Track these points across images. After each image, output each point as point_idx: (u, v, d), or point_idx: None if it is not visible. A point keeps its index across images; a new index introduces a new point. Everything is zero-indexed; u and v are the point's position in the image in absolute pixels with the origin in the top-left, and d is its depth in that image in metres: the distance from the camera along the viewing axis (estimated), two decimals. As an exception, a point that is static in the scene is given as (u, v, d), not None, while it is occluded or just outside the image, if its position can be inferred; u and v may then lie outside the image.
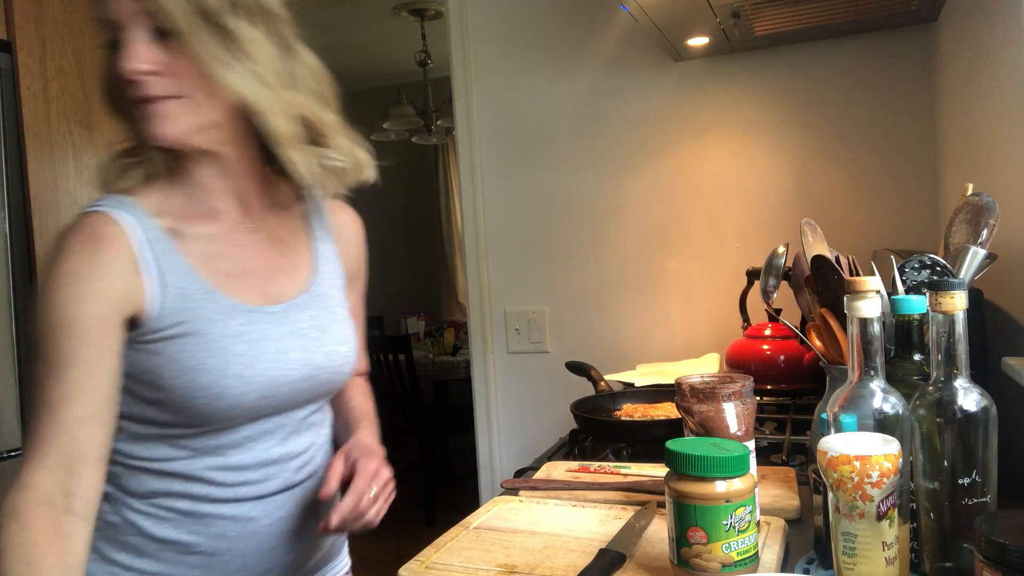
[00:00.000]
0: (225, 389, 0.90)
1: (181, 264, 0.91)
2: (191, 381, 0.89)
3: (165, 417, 0.91)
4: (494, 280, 2.29)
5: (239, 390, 0.91)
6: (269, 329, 0.95)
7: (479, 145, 2.28)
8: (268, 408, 0.96)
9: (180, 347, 0.89)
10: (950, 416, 0.69)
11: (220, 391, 0.89)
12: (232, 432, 0.94)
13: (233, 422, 0.93)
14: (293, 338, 0.97)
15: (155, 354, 0.89)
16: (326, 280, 1.05)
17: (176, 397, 0.89)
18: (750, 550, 0.75)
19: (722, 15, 1.65)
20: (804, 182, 1.97)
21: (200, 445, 0.93)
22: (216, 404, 0.90)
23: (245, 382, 0.91)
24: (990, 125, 1.33)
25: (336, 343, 1.02)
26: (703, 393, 0.84)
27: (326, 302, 1.03)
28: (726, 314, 1.98)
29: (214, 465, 0.94)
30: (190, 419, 0.91)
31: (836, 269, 0.88)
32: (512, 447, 2.29)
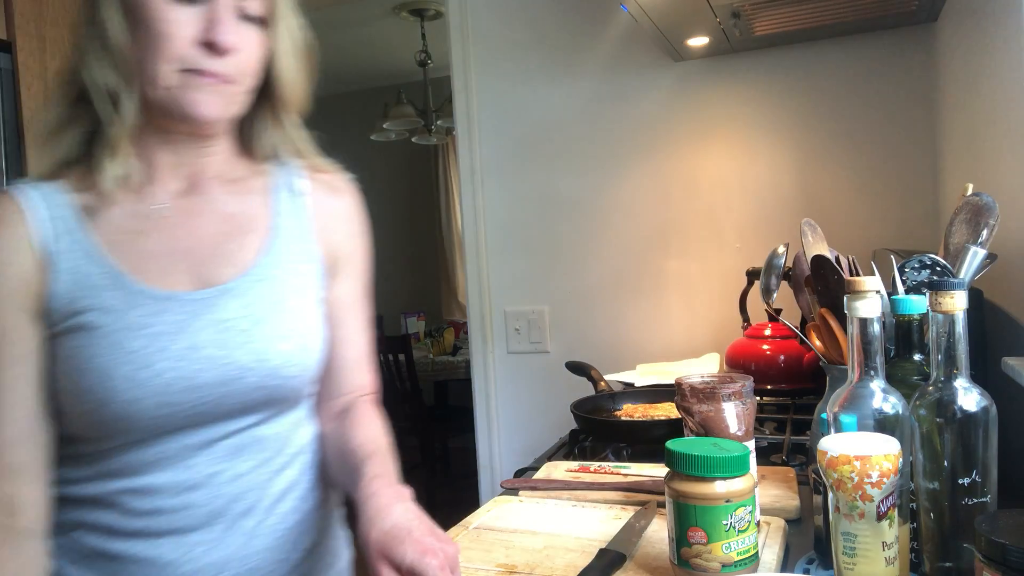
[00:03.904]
0: (111, 393, 0.76)
1: (86, 245, 0.80)
2: (76, 384, 0.77)
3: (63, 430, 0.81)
4: (494, 280, 2.29)
5: (129, 395, 0.77)
6: (183, 320, 0.81)
7: (479, 145, 2.28)
8: (178, 418, 0.80)
9: (72, 344, 0.78)
10: (950, 416, 0.69)
11: (106, 396, 0.76)
12: (142, 447, 0.80)
13: (132, 435, 0.79)
14: (212, 331, 0.81)
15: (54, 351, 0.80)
16: (280, 262, 0.88)
17: (65, 404, 0.79)
18: (750, 550, 0.75)
19: (722, 15, 1.65)
20: (804, 182, 1.97)
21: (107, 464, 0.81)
22: (104, 412, 0.77)
23: (136, 385, 0.77)
24: (990, 125, 1.33)
25: (273, 339, 0.84)
26: (703, 393, 0.84)
27: (272, 288, 0.86)
28: (726, 314, 1.98)
29: (122, 488, 0.81)
30: (83, 430, 0.80)
31: (836, 269, 0.88)
32: (512, 447, 2.29)
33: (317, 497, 0.93)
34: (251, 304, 0.84)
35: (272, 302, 0.86)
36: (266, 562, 0.86)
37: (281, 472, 0.89)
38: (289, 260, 0.89)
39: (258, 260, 0.87)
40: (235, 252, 0.86)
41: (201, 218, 0.87)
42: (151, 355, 0.78)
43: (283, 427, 0.89)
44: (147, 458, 0.81)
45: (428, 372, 4.54)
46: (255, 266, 0.86)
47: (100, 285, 0.79)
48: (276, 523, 0.87)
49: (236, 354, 0.82)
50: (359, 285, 0.98)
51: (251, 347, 0.83)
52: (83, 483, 0.82)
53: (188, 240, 0.85)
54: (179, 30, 0.78)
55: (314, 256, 0.92)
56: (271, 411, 0.87)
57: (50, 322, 0.79)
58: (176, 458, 0.82)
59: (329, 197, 0.96)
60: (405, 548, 0.67)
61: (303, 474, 0.91)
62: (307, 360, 0.88)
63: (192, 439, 0.82)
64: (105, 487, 0.81)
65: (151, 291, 0.81)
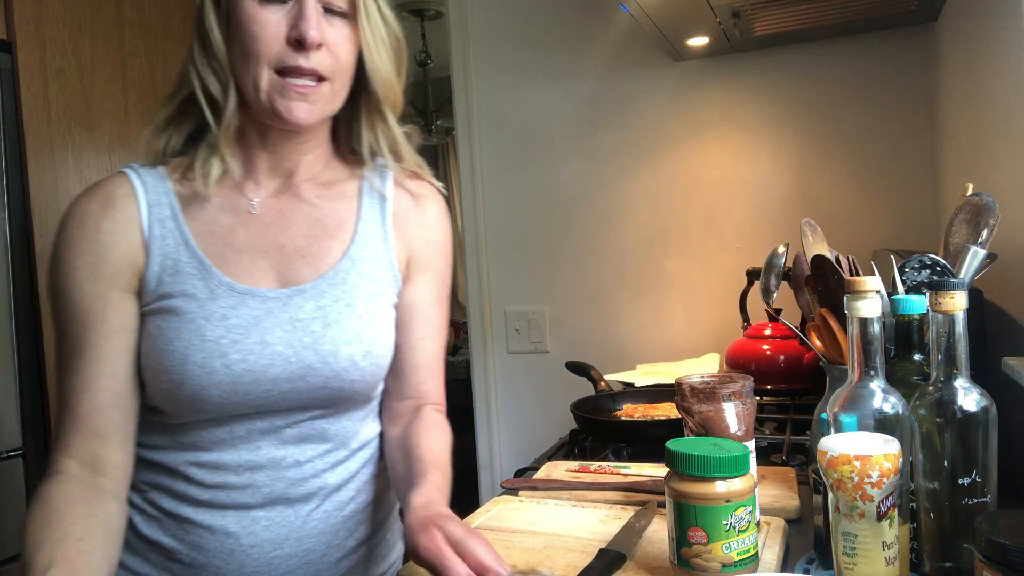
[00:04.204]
0: (186, 376, 0.82)
1: (180, 234, 0.86)
2: (157, 363, 0.83)
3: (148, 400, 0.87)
4: (494, 280, 2.29)
5: (201, 381, 0.82)
6: (259, 316, 0.85)
7: (479, 145, 2.28)
8: (245, 406, 0.85)
9: (157, 324, 0.84)
10: (950, 416, 0.69)
11: (181, 378, 0.82)
12: (214, 427, 0.86)
13: (203, 415, 0.85)
14: (284, 329, 0.86)
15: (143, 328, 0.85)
16: (359, 266, 0.91)
17: (148, 379, 0.85)
18: (750, 550, 0.75)
19: (722, 15, 1.65)
20: (804, 182, 1.97)
21: (182, 436, 0.87)
22: (178, 392, 0.83)
23: (208, 372, 0.82)
24: (990, 125, 1.33)
25: (340, 342, 0.87)
26: (703, 393, 0.84)
27: (348, 291, 0.90)
28: (726, 314, 1.98)
29: (194, 460, 0.87)
30: (162, 404, 0.86)
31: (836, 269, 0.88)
32: (512, 447, 2.29)
33: (375, 490, 0.96)
34: (324, 307, 0.88)
35: (344, 306, 0.89)
36: (320, 545, 0.91)
37: (342, 463, 0.93)
38: (367, 266, 0.92)
39: (337, 265, 0.90)
40: (317, 255, 0.90)
41: (290, 219, 0.91)
42: (225, 346, 0.83)
43: (347, 423, 0.93)
44: (217, 436, 0.86)
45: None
46: (333, 270, 0.90)
47: (188, 273, 0.85)
48: (333, 510, 0.92)
49: (304, 353, 0.86)
50: (434, 292, 0.99)
51: (318, 348, 0.87)
52: (161, 450, 0.88)
53: (276, 239, 0.89)
54: (267, 29, 0.82)
55: (391, 262, 0.94)
56: (335, 408, 0.91)
57: (142, 301, 0.85)
58: (243, 440, 0.87)
59: (412, 204, 0.98)
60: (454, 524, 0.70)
61: (364, 467, 0.95)
62: (371, 366, 0.90)
63: (258, 425, 0.87)
64: (179, 457, 0.87)
65: (233, 284, 0.86)
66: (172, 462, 0.88)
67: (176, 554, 0.88)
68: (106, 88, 2.28)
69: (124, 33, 2.34)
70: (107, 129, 2.28)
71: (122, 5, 2.34)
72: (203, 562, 0.87)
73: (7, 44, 2.04)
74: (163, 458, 0.88)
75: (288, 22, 0.82)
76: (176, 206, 0.87)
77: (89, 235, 0.84)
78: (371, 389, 0.94)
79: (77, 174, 2.19)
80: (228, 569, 0.87)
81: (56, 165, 2.13)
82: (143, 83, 2.39)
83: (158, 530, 0.89)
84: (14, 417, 2.02)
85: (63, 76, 2.16)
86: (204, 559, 0.87)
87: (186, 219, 0.87)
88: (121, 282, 0.85)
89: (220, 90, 0.86)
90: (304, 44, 0.81)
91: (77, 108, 2.19)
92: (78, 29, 2.20)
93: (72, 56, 2.18)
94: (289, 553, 0.89)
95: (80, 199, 0.87)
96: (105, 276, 0.84)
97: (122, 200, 0.86)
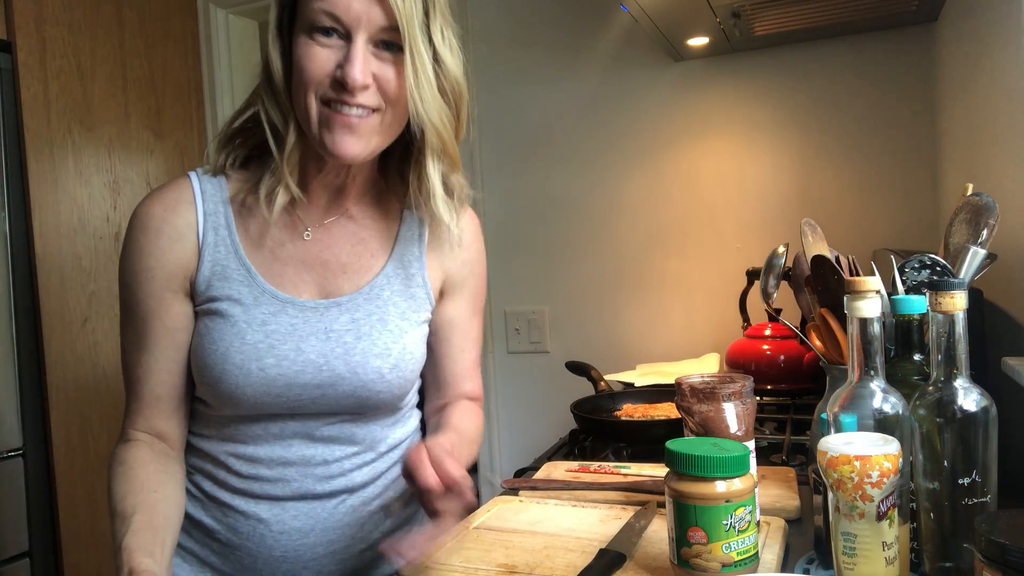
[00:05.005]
0: (225, 375, 0.89)
1: (230, 242, 0.93)
2: (202, 359, 0.91)
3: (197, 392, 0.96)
4: (494, 280, 2.29)
5: (239, 380, 0.89)
6: (296, 324, 0.92)
7: (479, 145, 2.28)
8: (278, 407, 0.92)
9: (206, 324, 0.92)
10: (950, 416, 0.69)
11: (220, 376, 0.90)
12: (251, 423, 0.94)
13: (240, 411, 0.92)
14: (319, 338, 0.92)
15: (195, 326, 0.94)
16: (393, 284, 0.97)
17: (193, 372, 0.93)
18: (750, 550, 0.75)
19: (722, 15, 1.65)
20: (804, 182, 1.97)
21: (224, 428, 0.95)
22: (217, 388, 0.90)
23: (245, 374, 0.89)
24: (990, 125, 1.33)
25: (369, 355, 0.92)
26: (703, 393, 0.84)
27: (381, 306, 0.95)
28: (726, 314, 1.98)
29: (232, 451, 0.95)
30: (205, 397, 0.94)
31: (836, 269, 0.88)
32: (512, 447, 2.29)
33: (402, 488, 0.98)
34: (358, 320, 0.94)
35: (377, 320, 0.94)
36: (345, 537, 0.98)
37: (369, 464, 0.99)
38: (401, 283, 0.98)
39: (374, 281, 0.96)
40: (358, 271, 0.96)
41: (336, 237, 0.97)
42: (263, 351, 0.90)
43: (375, 428, 0.99)
44: (253, 432, 0.94)
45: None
46: (369, 286, 0.96)
47: (235, 279, 0.92)
48: (359, 504, 0.98)
49: (335, 363, 0.92)
50: (469, 308, 1.06)
51: (348, 359, 0.92)
52: (207, 439, 0.97)
53: (321, 255, 0.96)
54: (316, 62, 0.84)
55: (424, 281, 1.00)
56: (363, 415, 0.97)
57: (194, 302, 0.93)
58: (276, 437, 0.94)
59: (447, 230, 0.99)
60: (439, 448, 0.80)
61: (391, 468, 1.02)
62: (398, 379, 0.95)
63: (291, 425, 0.94)
64: (221, 447, 0.96)
65: (276, 293, 0.93)
66: (215, 451, 0.96)
67: (215, 533, 0.97)
68: (106, 88, 2.28)
69: (124, 33, 2.34)
70: (107, 129, 2.28)
71: (122, 5, 2.34)
72: (237, 543, 0.96)
73: (7, 44, 2.04)
74: (207, 446, 0.97)
75: (336, 59, 0.84)
76: (231, 217, 0.94)
77: (151, 240, 0.91)
78: (397, 400, 0.98)
79: (77, 174, 2.19)
80: (259, 552, 0.95)
81: (56, 165, 2.14)
82: (143, 83, 2.40)
83: (200, 510, 0.98)
84: (14, 417, 2.02)
85: (63, 76, 2.16)
86: (238, 540, 0.95)
87: (239, 230, 0.94)
88: (175, 285, 0.92)
89: (282, 121, 0.90)
90: (346, 87, 0.83)
91: (77, 108, 2.19)
92: (78, 29, 2.20)
93: (72, 56, 2.18)
94: (315, 542, 0.96)
95: (146, 203, 0.93)
96: (161, 279, 0.91)
97: (183, 206, 0.92)
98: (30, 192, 2.06)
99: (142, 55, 2.40)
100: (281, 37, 0.89)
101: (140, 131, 2.38)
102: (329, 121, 0.85)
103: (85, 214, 2.20)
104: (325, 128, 0.85)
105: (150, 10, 2.43)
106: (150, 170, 2.41)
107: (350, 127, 0.85)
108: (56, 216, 2.13)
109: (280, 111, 0.90)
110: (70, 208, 2.17)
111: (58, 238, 2.13)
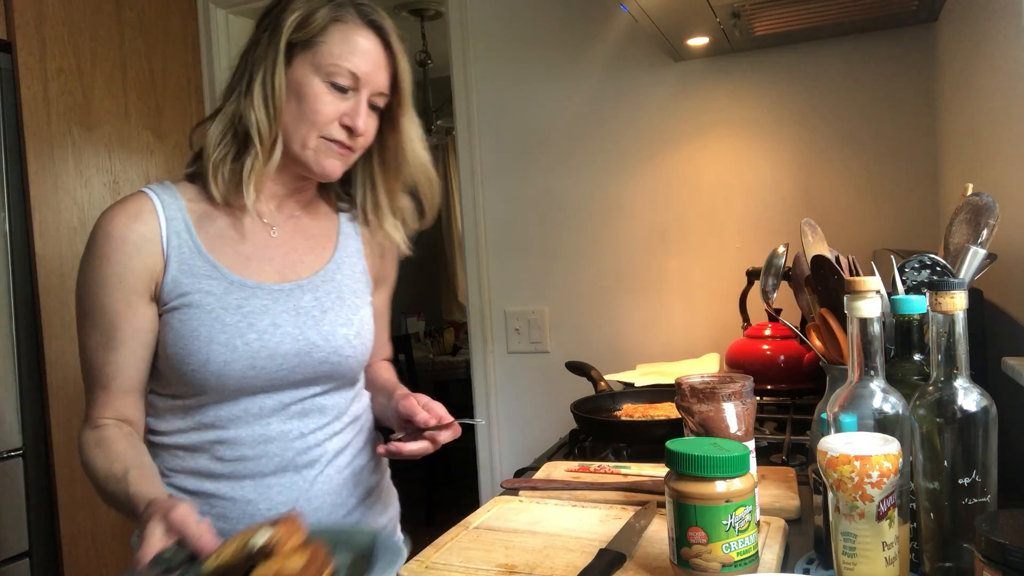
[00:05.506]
0: (211, 355, 0.98)
1: (193, 244, 1.02)
2: (183, 347, 0.99)
3: (171, 388, 1.03)
4: (494, 280, 2.29)
5: (225, 357, 0.98)
6: (268, 304, 1.03)
7: (479, 145, 2.28)
8: (261, 380, 1.01)
9: (179, 317, 1.00)
10: (950, 416, 0.69)
11: (207, 357, 0.98)
12: (231, 404, 1.02)
13: (226, 392, 1.01)
14: (290, 314, 1.04)
15: (165, 325, 1.01)
16: (342, 270, 1.13)
17: (173, 364, 1.00)
18: (750, 550, 0.75)
19: (722, 15, 1.65)
20: (804, 182, 1.97)
21: (202, 418, 1.03)
22: (205, 370, 0.98)
23: (231, 349, 0.99)
24: (990, 125, 1.33)
25: (336, 324, 1.07)
26: (703, 393, 0.84)
27: (336, 287, 1.10)
28: (726, 314, 1.98)
29: (214, 439, 1.03)
30: (187, 387, 1.01)
31: (836, 269, 0.88)
32: (512, 447, 2.29)
33: (367, 455, 1.16)
34: (321, 297, 1.08)
35: (336, 298, 1.09)
36: (327, 504, 1.08)
37: (338, 434, 1.10)
38: (348, 269, 1.14)
39: (327, 267, 1.11)
40: (311, 260, 1.11)
41: (290, 231, 1.11)
42: (243, 328, 1.00)
43: (340, 399, 1.11)
44: (232, 414, 1.02)
45: (428, 372, 4.54)
46: (324, 270, 1.11)
47: (203, 275, 1.01)
48: (334, 474, 1.09)
49: (308, 333, 1.04)
50: (388, 295, 1.27)
51: (320, 329, 1.05)
52: (183, 433, 1.04)
53: (278, 248, 1.09)
54: (328, 107, 1.03)
55: (364, 270, 1.17)
56: (332, 384, 1.09)
57: (160, 303, 1.01)
58: (255, 416, 1.03)
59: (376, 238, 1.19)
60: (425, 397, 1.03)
61: (355, 437, 1.14)
62: (361, 343, 1.11)
63: (268, 401, 1.04)
64: (200, 437, 1.03)
65: (243, 281, 1.03)
66: (196, 442, 1.03)
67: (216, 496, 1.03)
68: (106, 88, 2.28)
69: (124, 33, 2.34)
70: (107, 129, 2.28)
71: (122, 5, 2.34)
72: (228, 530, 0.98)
73: (7, 44, 2.04)
74: (184, 440, 1.03)
75: (345, 109, 1.03)
76: (189, 220, 1.03)
77: (117, 247, 0.99)
78: (360, 366, 1.13)
79: (77, 174, 2.19)
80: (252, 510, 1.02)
81: (56, 165, 2.14)
82: (143, 83, 2.39)
83: None
84: (14, 417, 2.02)
85: (63, 76, 2.16)
86: (229, 526, 1.01)
87: (198, 231, 1.03)
88: (141, 288, 1.00)
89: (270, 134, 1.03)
90: (353, 133, 1.05)
91: (77, 108, 2.19)
92: (78, 29, 2.20)
93: (72, 56, 2.18)
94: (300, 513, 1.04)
95: (108, 214, 1.01)
96: (129, 283, 0.99)
97: (145, 214, 1.01)
98: (30, 192, 2.06)
99: (142, 55, 2.40)
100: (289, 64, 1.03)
101: (140, 131, 2.38)
102: (328, 151, 1.04)
103: (85, 214, 2.20)
104: (321, 154, 1.04)
105: (150, 10, 2.43)
106: (150, 170, 2.41)
107: (339, 155, 1.05)
108: (56, 216, 2.13)
109: (271, 125, 1.03)
110: (70, 208, 2.17)
111: (58, 238, 2.13)
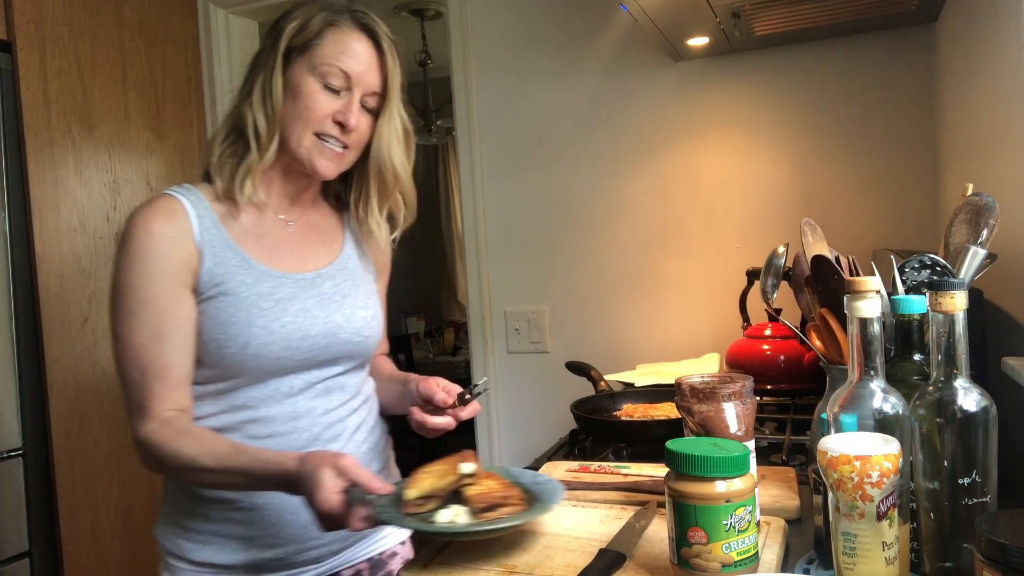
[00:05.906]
0: (251, 337, 1.06)
1: (223, 239, 1.10)
2: (222, 332, 1.06)
3: (206, 373, 1.08)
4: (494, 280, 2.29)
5: (263, 339, 1.07)
6: (296, 292, 1.12)
7: (479, 145, 2.28)
8: (293, 361, 1.10)
9: (217, 305, 1.07)
10: (950, 416, 0.69)
11: (247, 339, 1.06)
12: (262, 385, 1.09)
13: (261, 373, 1.08)
14: (316, 300, 1.14)
15: (201, 314, 1.07)
16: (352, 260, 1.23)
17: (212, 349, 1.07)
18: (750, 550, 0.75)
19: (722, 15, 1.65)
20: (804, 182, 1.97)
21: (235, 400, 1.09)
22: (244, 353, 1.06)
23: (269, 332, 1.07)
24: (990, 125, 1.33)
25: (356, 307, 1.18)
26: (703, 393, 0.84)
27: (351, 275, 1.21)
28: (726, 314, 1.98)
29: (246, 419, 1.09)
30: (225, 370, 1.08)
31: (836, 269, 0.88)
32: (512, 447, 2.29)
33: (379, 433, 1.26)
34: (339, 284, 1.18)
35: (351, 284, 1.20)
36: None
37: (356, 411, 1.20)
38: (355, 261, 1.24)
39: (339, 258, 1.22)
40: (325, 252, 1.21)
41: (304, 227, 1.21)
42: (278, 312, 1.09)
43: (357, 378, 1.22)
44: (265, 394, 1.10)
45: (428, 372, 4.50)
46: (338, 261, 1.21)
47: (235, 266, 1.09)
48: (354, 448, 1.16)
49: (334, 316, 1.15)
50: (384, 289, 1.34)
51: (343, 311, 1.16)
52: (215, 416, 1.09)
53: (296, 242, 1.18)
54: (321, 105, 1.09)
55: (368, 263, 1.27)
56: (351, 364, 1.19)
57: (198, 293, 1.07)
58: (285, 395, 1.11)
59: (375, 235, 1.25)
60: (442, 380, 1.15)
61: (369, 414, 1.23)
62: (377, 324, 1.23)
63: (297, 381, 1.12)
64: (232, 418, 1.09)
65: (271, 271, 1.12)
66: (225, 424, 1.09)
67: (237, 503, 1.08)
68: (106, 88, 2.28)
69: (124, 33, 2.34)
70: (107, 129, 2.28)
71: (122, 5, 2.34)
72: (262, 503, 1.08)
73: (7, 44, 2.04)
74: (216, 423, 1.09)
75: (337, 107, 1.10)
76: (215, 218, 1.11)
77: (157, 241, 1.05)
78: (375, 346, 1.23)
79: (77, 174, 2.19)
80: (283, 504, 1.08)
81: (56, 165, 2.14)
82: (143, 83, 2.39)
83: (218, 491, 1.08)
84: (14, 417, 2.02)
85: (63, 76, 2.16)
86: (263, 500, 1.08)
87: (225, 227, 1.11)
88: (183, 279, 1.06)
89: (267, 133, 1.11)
90: (345, 129, 1.11)
91: (77, 108, 2.19)
92: (78, 29, 2.20)
93: (72, 56, 2.18)
94: None
95: (143, 214, 1.06)
96: (173, 274, 1.05)
97: (178, 212, 1.08)
98: (30, 192, 2.06)
99: (142, 55, 2.39)
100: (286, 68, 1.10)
101: (140, 131, 2.38)
102: (321, 149, 1.11)
103: (85, 214, 2.20)
104: (315, 153, 1.11)
105: (150, 10, 2.43)
106: (150, 170, 2.41)
107: (332, 156, 1.12)
108: (56, 216, 2.13)
109: (268, 126, 1.10)
110: (70, 208, 2.17)
111: (58, 238, 2.13)
